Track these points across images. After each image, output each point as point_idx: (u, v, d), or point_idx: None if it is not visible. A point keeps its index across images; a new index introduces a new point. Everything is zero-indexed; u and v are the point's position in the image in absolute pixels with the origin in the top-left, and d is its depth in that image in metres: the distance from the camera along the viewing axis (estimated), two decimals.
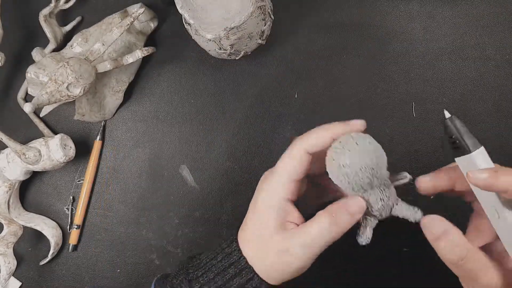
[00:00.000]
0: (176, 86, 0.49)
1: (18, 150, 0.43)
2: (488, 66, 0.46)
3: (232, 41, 0.41)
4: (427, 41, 0.47)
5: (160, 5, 0.49)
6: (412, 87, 0.46)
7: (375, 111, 0.46)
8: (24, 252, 0.50)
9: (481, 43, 0.46)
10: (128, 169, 0.49)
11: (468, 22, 0.46)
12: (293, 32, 0.48)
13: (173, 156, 0.49)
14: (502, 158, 0.45)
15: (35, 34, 0.51)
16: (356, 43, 0.47)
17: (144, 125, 0.49)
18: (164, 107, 0.49)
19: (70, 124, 0.50)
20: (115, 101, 0.49)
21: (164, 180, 0.48)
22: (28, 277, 0.50)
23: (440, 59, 0.46)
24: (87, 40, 0.47)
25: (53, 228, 0.48)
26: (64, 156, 0.45)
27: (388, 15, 0.47)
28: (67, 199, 0.50)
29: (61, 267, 0.49)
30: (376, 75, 0.47)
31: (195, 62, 0.49)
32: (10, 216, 0.47)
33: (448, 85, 0.46)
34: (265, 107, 0.47)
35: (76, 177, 0.50)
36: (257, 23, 0.42)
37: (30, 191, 0.50)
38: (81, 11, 0.51)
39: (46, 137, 0.46)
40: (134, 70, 0.49)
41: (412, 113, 0.46)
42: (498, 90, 0.46)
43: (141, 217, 0.49)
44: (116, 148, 0.50)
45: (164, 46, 0.49)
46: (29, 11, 0.51)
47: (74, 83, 0.41)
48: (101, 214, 0.49)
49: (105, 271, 0.49)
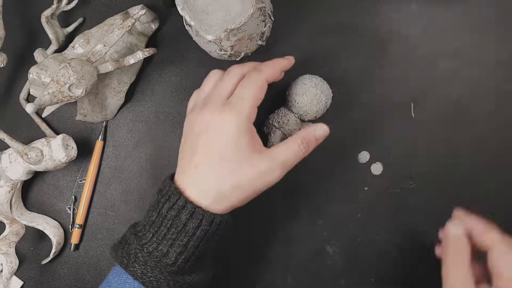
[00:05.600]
0: (177, 87, 0.49)
1: (20, 150, 0.44)
2: (488, 67, 0.46)
3: (233, 42, 0.41)
4: (426, 42, 0.47)
5: (161, 7, 0.49)
6: (412, 87, 0.46)
7: (374, 112, 0.46)
8: (26, 251, 0.50)
9: (480, 44, 0.46)
10: (130, 169, 0.49)
11: (468, 23, 0.47)
12: (293, 33, 0.48)
13: (174, 156, 0.48)
14: (503, 159, 0.45)
15: (37, 35, 0.51)
16: (356, 44, 0.47)
17: (145, 125, 0.50)
18: (165, 107, 0.49)
19: (72, 125, 0.50)
20: (117, 102, 0.49)
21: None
22: (30, 276, 0.50)
23: (440, 60, 0.46)
24: (88, 41, 0.47)
25: (55, 228, 0.49)
26: (66, 156, 0.45)
27: (387, 16, 0.47)
28: (69, 199, 0.50)
29: (63, 267, 0.50)
30: (375, 76, 0.47)
31: (196, 63, 0.49)
32: (12, 216, 0.47)
33: (448, 85, 0.46)
34: (265, 107, 0.47)
35: (78, 177, 0.50)
36: (258, 25, 0.42)
37: (32, 191, 0.51)
38: (83, 12, 0.51)
39: (48, 138, 0.46)
40: (136, 71, 0.49)
41: (411, 113, 0.46)
42: (497, 91, 0.46)
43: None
44: (117, 148, 0.50)
45: (165, 47, 0.50)
46: (31, 12, 0.51)
47: (76, 84, 0.41)
48: (102, 214, 0.50)
49: (106, 270, 0.49)
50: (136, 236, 0.34)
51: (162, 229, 0.33)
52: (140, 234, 0.34)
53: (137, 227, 0.36)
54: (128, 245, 0.34)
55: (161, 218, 0.34)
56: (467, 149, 0.46)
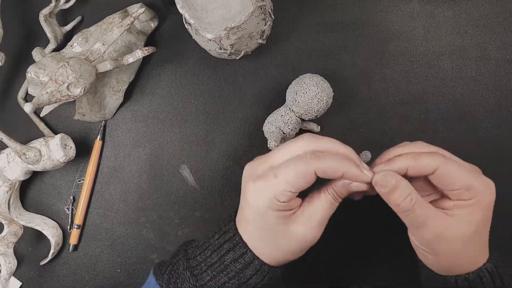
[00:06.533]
0: (176, 86, 0.49)
1: (18, 150, 0.43)
2: (488, 66, 0.46)
3: (233, 41, 0.41)
4: (427, 40, 0.46)
5: (160, 5, 0.49)
6: (412, 87, 0.46)
7: (375, 111, 0.46)
8: (25, 252, 0.50)
9: (481, 43, 0.46)
10: (129, 169, 0.49)
11: (469, 22, 0.46)
12: (294, 31, 0.48)
13: (173, 156, 0.49)
14: (502, 158, 0.45)
15: (35, 34, 0.51)
16: (356, 42, 0.47)
17: (144, 125, 0.49)
18: (164, 107, 0.49)
19: (71, 124, 0.50)
20: (116, 101, 0.49)
21: (165, 180, 0.48)
22: (29, 277, 0.50)
23: (440, 59, 0.46)
24: (87, 40, 0.46)
25: (53, 228, 0.48)
26: (64, 156, 0.45)
27: (388, 14, 0.47)
28: (68, 199, 0.50)
29: (61, 267, 0.49)
30: (376, 75, 0.47)
31: (195, 62, 0.49)
32: (11, 216, 0.47)
33: (449, 85, 0.46)
34: (265, 107, 0.47)
35: (77, 177, 0.50)
36: (258, 23, 0.42)
37: (31, 191, 0.50)
38: (81, 10, 0.50)
39: (46, 137, 0.46)
40: (135, 70, 0.49)
41: (410, 114, 0.46)
42: (498, 90, 0.46)
43: (141, 217, 0.49)
44: (116, 148, 0.50)
45: (164, 46, 0.49)
46: (29, 11, 0.51)
47: (75, 83, 0.41)
48: (101, 214, 0.49)
49: (105, 271, 0.49)
50: (192, 273, 0.33)
51: (222, 276, 0.32)
52: (195, 272, 0.33)
53: (191, 261, 0.34)
54: (182, 280, 0.33)
55: (222, 266, 0.33)
56: (468, 147, 0.45)
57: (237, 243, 0.33)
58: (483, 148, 0.45)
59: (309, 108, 0.42)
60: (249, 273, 0.32)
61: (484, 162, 0.46)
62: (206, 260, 0.33)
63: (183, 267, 0.34)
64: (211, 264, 0.33)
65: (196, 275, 0.33)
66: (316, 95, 0.41)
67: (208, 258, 0.33)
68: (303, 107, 0.42)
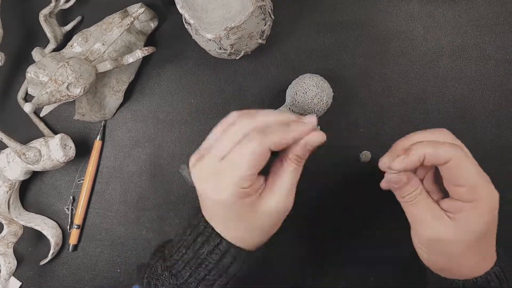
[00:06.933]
0: (176, 86, 0.49)
1: (18, 150, 0.43)
2: (488, 66, 0.46)
3: (232, 41, 0.41)
4: (427, 40, 0.46)
5: (160, 5, 0.49)
6: (412, 87, 0.46)
7: (375, 111, 0.46)
8: (24, 252, 0.50)
9: (481, 43, 0.46)
10: (128, 169, 0.49)
11: (469, 22, 0.46)
12: (293, 32, 0.48)
13: (173, 156, 0.48)
14: (502, 158, 0.45)
15: (35, 34, 0.51)
16: (356, 42, 0.47)
17: (144, 125, 0.49)
18: (164, 107, 0.49)
19: (70, 124, 0.50)
20: (115, 101, 0.49)
21: (164, 180, 0.48)
22: (28, 277, 0.50)
23: (440, 59, 0.46)
24: (87, 39, 0.46)
25: (53, 228, 0.48)
26: (64, 156, 0.45)
27: (388, 14, 0.47)
28: (67, 199, 0.50)
29: (61, 267, 0.49)
30: (376, 75, 0.47)
31: (195, 62, 0.49)
32: (10, 216, 0.47)
33: (449, 85, 0.46)
34: (265, 107, 0.47)
35: (76, 177, 0.50)
36: (257, 23, 0.42)
37: (30, 191, 0.50)
38: (81, 10, 0.50)
39: (46, 137, 0.46)
40: (134, 70, 0.49)
41: (410, 114, 0.46)
42: (498, 90, 0.46)
43: (141, 217, 0.49)
44: (116, 148, 0.50)
45: (164, 46, 0.49)
46: (29, 11, 0.51)
47: (74, 83, 0.41)
48: (101, 214, 0.49)
49: (105, 271, 0.49)
50: (170, 273, 0.33)
51: (200, 270, 0.32)
52: (174, 271, 0.33)
53: (168, 261, 0.34)
54: (162, 282, 0.33)
55: (199, 260, 0.33)
56: (467, 147, 0.45)
57: (210, 234, 0.33)
58: (483, 148, 0.45)
59: (309, 108, 0.42)
60: (227, 262, 0.32)
61: (484, 162, 0.46)
62: (182, 257, 0.33)
63: (161, 268, 0.34)
64: (188, 261, 0.33)
65: (175, 274, 0.33)
66: (316, 95, 0.41)
67: (184, 255, 0.33)
68: (303, 107, 0.42)
